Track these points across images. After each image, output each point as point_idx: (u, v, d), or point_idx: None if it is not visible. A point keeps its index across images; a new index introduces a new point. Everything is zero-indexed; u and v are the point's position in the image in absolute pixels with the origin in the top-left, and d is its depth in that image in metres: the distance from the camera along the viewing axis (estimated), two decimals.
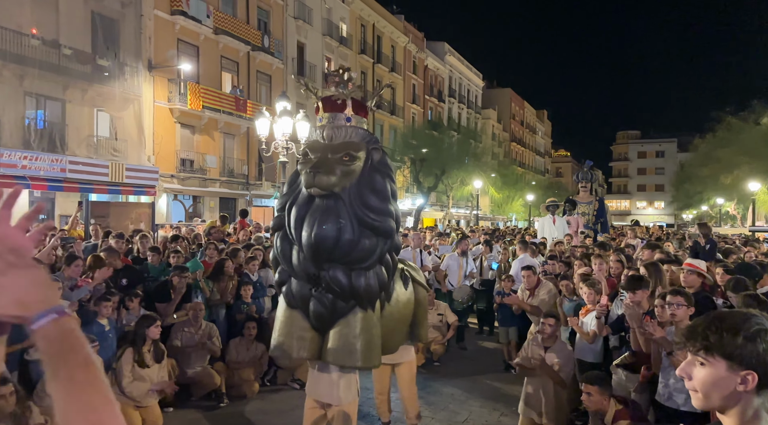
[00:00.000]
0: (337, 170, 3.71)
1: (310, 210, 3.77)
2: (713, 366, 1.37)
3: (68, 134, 18.30)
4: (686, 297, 4.03)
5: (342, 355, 3.93)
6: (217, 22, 23.67)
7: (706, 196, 41.28)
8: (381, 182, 3.88)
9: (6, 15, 16.34)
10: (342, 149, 3.77)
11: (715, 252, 9.67)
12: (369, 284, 3.84)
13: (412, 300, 4.62)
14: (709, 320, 1.43)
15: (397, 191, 4.06)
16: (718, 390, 1.37)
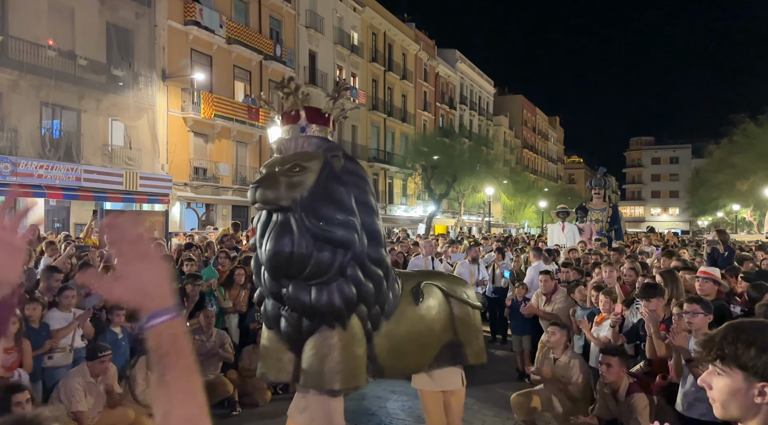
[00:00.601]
0: (281, 183, 3.58)
1: (268, 226, 3.68)
2: (730, 376, 1.36)
3: (83, 143, 18.54)
4: (704, 305, 3.96)
5: (313, 377, 3.72)
6: (230, 32, 23.91)
7: (722, 202, 40.78)
8: (339, 190, 3.65)
9: (23, 27, 16.64)
10: (291, 161, 3.65)
11: (733, 260, 9.53)
12: (331, 301, 3.58)
13: (433, 318, 4.27)
14: (726, 330, 1.42)
15: (369, 199, 3.80)
16: (736, 401, 1.36)
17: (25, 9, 16.84)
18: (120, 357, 5.52)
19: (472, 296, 4.78)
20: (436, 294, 4.37)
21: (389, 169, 36.94)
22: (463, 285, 4.81)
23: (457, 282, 4.76)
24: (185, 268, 7.48)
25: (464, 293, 4.63)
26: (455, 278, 4.96)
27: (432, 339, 4.28)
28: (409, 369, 4.38)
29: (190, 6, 22.12)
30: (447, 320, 4.37)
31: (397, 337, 4.01)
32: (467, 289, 4.80)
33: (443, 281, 4.58)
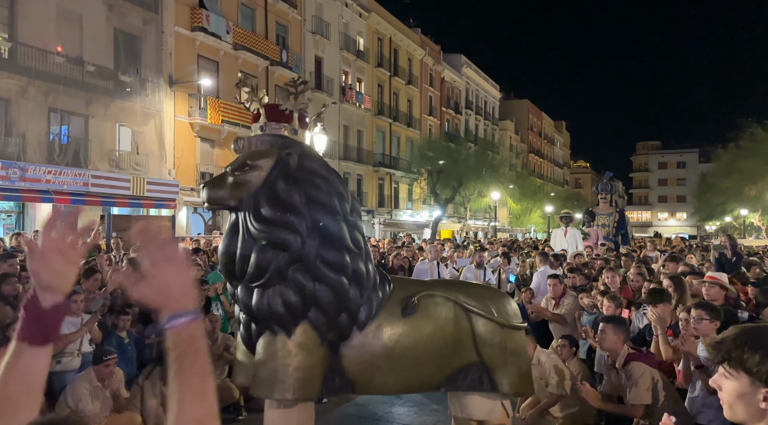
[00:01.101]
0: (227, 183, 3.50)
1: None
2: (737, 380, 1.39)
3: (91, 148, 18.66)
4: (709, 311, 3.93)
5: (257, 384, 3.57)
6: (237, 38, 24.05)
7: (730, 207, 40.58)
8: (285, 189, 3.46)
9: (32, 34, 16.79)
10: (241, 160, 3.56)
11: (741, 265, 9.48)
12: (270, 305, 3.42)
13: (432, 332, 3.81)
14: (738, 333, 1.44)
15: (328, 199, 3.55)
16: (742, 404, 1.38)
17: (34, 15, 17.01)
18: (126, 362, 5.54)
19: (512, 313, 4.12)
20: (446, 307, 3.90)
21: (395, 174, 36.97)
22: (498, 300, 4.16)
23: (488, 296, 4.16)
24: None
25: (497, 308, 4.01)
26: (490, 291, 4.36)
27: (431, 357, 3.82)
28: (393, 386, 3.94)
29: (197, 12, 22.27)
30: (462, 337, 3.87)
31: (372, 351, 3.64)
32: (504, 304, 4.14)
33: (466, 293, 4.05)
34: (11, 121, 16.60)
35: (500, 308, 4.06)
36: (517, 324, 4.10)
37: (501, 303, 4.14)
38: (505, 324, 3.99)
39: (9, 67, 16.13)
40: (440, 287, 4.06)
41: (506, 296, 4.49)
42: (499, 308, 4.05)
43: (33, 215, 17.17)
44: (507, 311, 4.09)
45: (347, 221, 3.61)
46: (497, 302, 4.12)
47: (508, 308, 4.14)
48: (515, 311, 4.19)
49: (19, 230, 14.70)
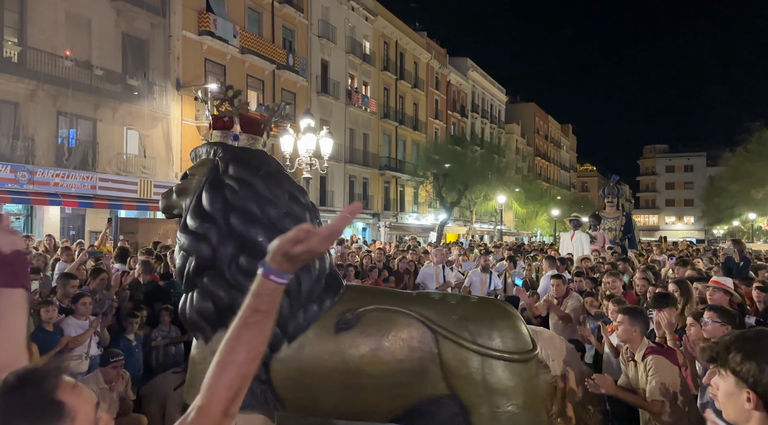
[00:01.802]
0: (172, 192, 3.65)
1: None
2: (725, 380, 1.43)
3: (99, 151, 18.80)
4: (721, 314, 3.86)
5: (184, 389, 3.61)
6: (244, 42, 24.17)
7: (737, 211, 40.34)
8: (205, 197, 3.45)
9: (42, 38, 16.96)
10: (188, 169, 3.72)
11: (748, 270, 9.42)
12: (185, 310, 3.47)
13: (372, 355, 3.23)
14: (734, 335, 1.48)
15: (248, 205, 3.40)
16: (731, 404, 1.42)
17: (43, 20, 17.17)
18: (133, 364, 5.56)
19: (499, 339, 3.23)
20: (405, 325, 3.27)
21: (401, 177, 37.00)
22: (484, 321, 3.31)
23: (472, 315, 3.34)
24: None
25: (476, 331, 3.23)
26: (483, 308, 3.51)
27: (375, 383, 3.25)
28: (329, 410, 3.53)
29: (205, 16, 22.41)
30: (427, 364, 3.21)
31: (296, 367, 3.33)
32: (493, 326, 3.28)
33: (440, 309, 3.35)
34: (20, 124, 16.75)
35: (482, 331, 3.24)
36: (503, 354, 3.18)
37: (487, 325, 3.28)
38: (482, 351, 3.17)
39: (18, 71, 16.28)
40: (406, 301, 3.43)
41: (504, 317, 3.40)
42: (480, 330, 3.24)
43: (41, 217, 17.30)
44: (491, 336, 3.22)
45: (273, 227, 3.34)
46: (483, 323, 3.29)
47: (495, 332, 3.25)
48: (512, 337, 3.28)
49: (27, 232, 14.81)
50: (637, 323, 4.06)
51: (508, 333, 3.30)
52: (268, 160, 3.74)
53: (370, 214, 33.73)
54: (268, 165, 3.64)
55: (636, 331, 4.05)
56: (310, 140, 12.40)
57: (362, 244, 17.33)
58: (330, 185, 30.06)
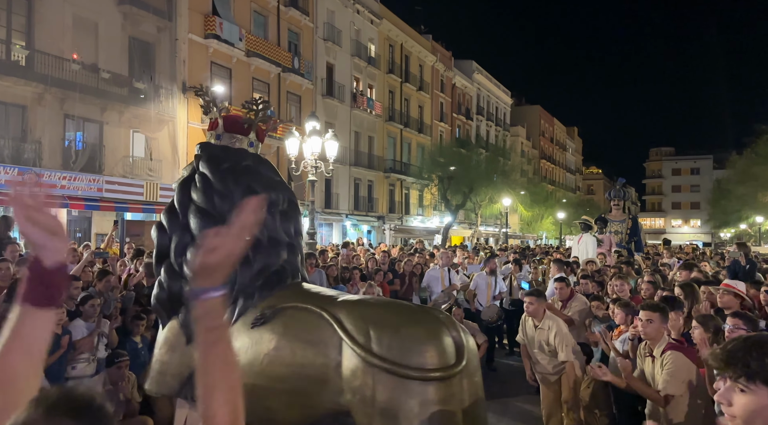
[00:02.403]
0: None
1: None
2: (755, 393, 1.32)
3: (105, 154, 18.88)
4: (747, 321, 3.77)
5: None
6: (249, 45, 24.25)
7: (744, 214, 40.10)
8: (176, 191, 3.73)
9: (49, 41, 17.06)
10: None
11: (755, 272, 9.37)
12: (150, 295, 3.78)
13: (270, 353, 2.98)
14: (749, 345, 1.38)
15: (200, 199, 3.54)
16: (760, 419, 1.32)
17: (50, 24, 17.28)
18: (139, 367, 5.56)
19: (407, 350, 2.65)
20: (314, 325, 2.93)
21: (406, 180, 36.99)
22: (397, 327, 2.75)
23: (376, 321, 2.79)
24: None
25: (383, 335, 2.70)
26: (393, 311, 2.98)
27: (274, 386, 2.95)
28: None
29: (210, 20, 22.51)
30: (329, 372, 2.82)
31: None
32: (402, 334, 2.70)
33: (356, 310, 2.90)
34: (28, 127, 16.85)
35: (381, 338, 2.69)
36: (397, 368, 2.58)
37: (390, 331, 2.72)
38: (372, 361, 2.64)
39: (26, 75, 16.39)
40: (326, 301, 3.09)
41: (417, 324, 2.78)
42: (380, 337, 2.69)
43: None
44: (391, 345, 2.65)
45: (223, 220, 3.30)
46: (385, 329, 2.73)
47: (397, 341, 2.67)
48: (418, 349, 2.63)
49: None
50: (656, 318, 4.03)
51: (413, 344, 2.67)
52: (236, 156, 3.70)
53: (375, 217, 33.72)
54: (232, 161, 3.64)
55: (654, 326, 4.02)
56: (315, 143, 12.42)
57: (368, 246, 17.32)
58: (335, 188, 30.09)
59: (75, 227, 18.52)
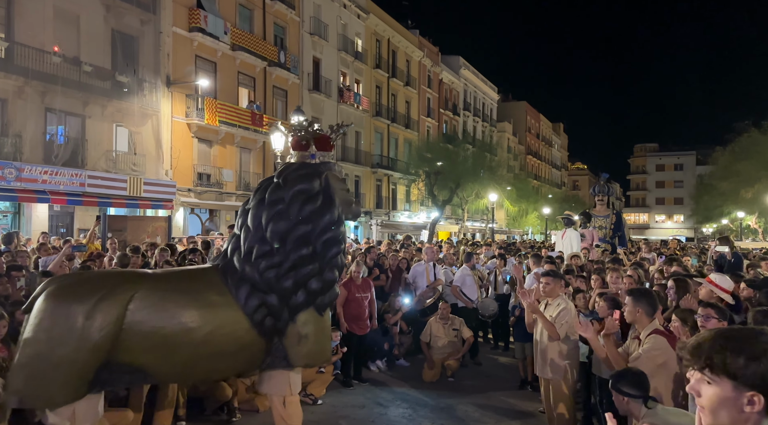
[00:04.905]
0: None
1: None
2: (719, 385, 1.34)
3: (88, 148, 18.62)
4: (718, 311, 3.85)
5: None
6: (235, 39, 24.02)
7: (726, 210, 40.64)
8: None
9: (29, 34, 16.76)
10: None
11: (741, 266, 9.47)
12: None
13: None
14: (714, 337, 1.39)
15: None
16: (725, 410, 1.33)
17: (31, 16, 16.97)
18: None
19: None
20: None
21: (393, 175, 36.97)
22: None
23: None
24: None
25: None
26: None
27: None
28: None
29: (195, 13, 22.25)
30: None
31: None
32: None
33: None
34: (8, 121, 16.56)
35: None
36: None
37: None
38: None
39: (6, 67, 16.08)
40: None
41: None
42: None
43: (29, 215, 17.12)
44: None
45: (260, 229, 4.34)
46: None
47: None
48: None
49: (14, 230, 14.64)
50: (641, 304, 4.06)
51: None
52: (291, 170, 4.38)
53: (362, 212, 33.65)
54: (284, 175, 4.36)
55: (639, 312, 4.04)
56: None
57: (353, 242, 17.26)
58: None
59: (57, 222, 18.26)
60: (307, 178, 4.25)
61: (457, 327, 8.21)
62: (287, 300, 4.04)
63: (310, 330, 4.14)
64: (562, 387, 5.16)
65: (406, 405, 6.75)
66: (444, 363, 7.94)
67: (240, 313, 3.95)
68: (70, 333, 3.46)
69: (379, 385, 7.58)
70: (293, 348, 4.11)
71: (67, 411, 3.53)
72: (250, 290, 3.99)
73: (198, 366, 3.89)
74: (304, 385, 6.83)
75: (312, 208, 4.13)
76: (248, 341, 3.97)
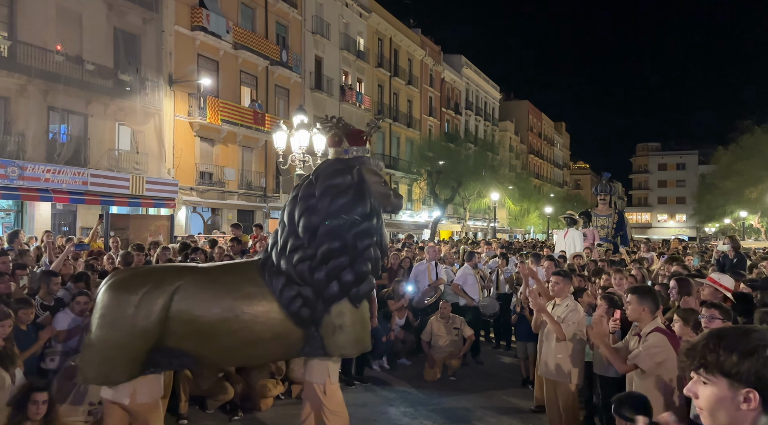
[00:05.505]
0: None
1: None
2: (715, 384, 1.34)
3: (90, 147, 18.65)
4: (722, 311, 3.84)
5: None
6: (237, 38, 24.04)
7: (729, 209, 40.55)
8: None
9: (32, 32, 16.79)
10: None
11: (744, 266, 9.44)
12: None
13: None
14: (707, 337, 1.40)
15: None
16: (722, 410, 1.33)
17: (33, 14, 17.01)
18: None
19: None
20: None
21: (394, 174, 36.95)
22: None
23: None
24: None
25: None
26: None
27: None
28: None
29: (197, 12, 22.27)
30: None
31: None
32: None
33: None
34: (10, 119, 16.60)
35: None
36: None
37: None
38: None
39: (8, 66, 16.12)
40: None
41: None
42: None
43: (32, 213, 17.17)
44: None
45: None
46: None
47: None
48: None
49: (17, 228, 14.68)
50: (646, 302, 4.06)
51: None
52: (324, 167, 4.46)
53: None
54: (317, 171, 4.44)
55: (645, 310, 4.04)
56: (303, 137, 12.34)
57: None
58: None
59: (60, 221, 18.32)
60: (338, 173, 4.32)
61: (458, 325, 8.21)
62: (321, 292, 4.16)
63: (344, 321, 4.24)
64: (569, 389, 5.16)
65: (407, 404, 6.76)
66: (445, 362, 7.95)
67: (275, 304, 4.15)
68: (122, 320, 3.88)
69: (381, 384, 7.59)
70: (329, 338, 4.24)
71: (128, 389, 3.97)
72: (285, 282, 4.16)
73: (237, 351, 4.19)
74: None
75: (342, 201, 4.19)
76: (283, 330, 4.16)
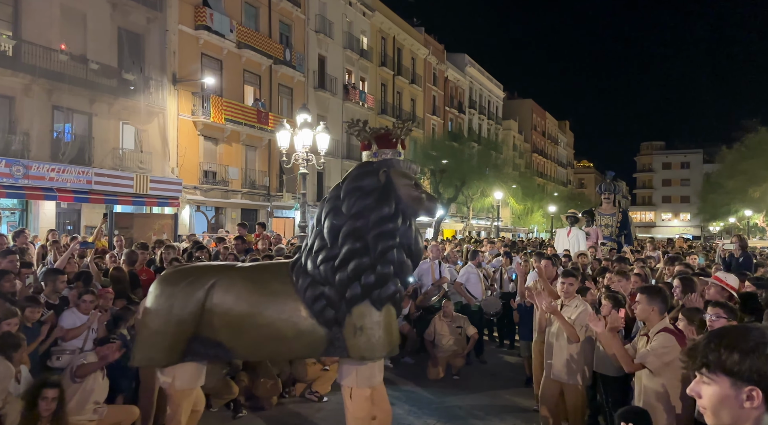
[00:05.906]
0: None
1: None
2: (717, 383, 1.35)
3: (94, 146, 18.71)
4: (728, 310, 3.82)
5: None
6: (240, 37, 24.07)
7: (734, 208, 40.42)
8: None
9: (36, 32, 16.85)
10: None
11: (751, 266, 9.40)
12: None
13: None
14: (709, 337, 1.41)
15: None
16: (726, 408, 1.34)
17: (38, 14, 17.06)
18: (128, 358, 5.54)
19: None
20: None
21: None
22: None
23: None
24: None
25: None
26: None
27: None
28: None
29: (201, 11, 22.31)
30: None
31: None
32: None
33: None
34: (15, 118, 16.66)
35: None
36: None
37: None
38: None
39: (13, 65, 16.18)
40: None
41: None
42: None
43: (36, 212, 17.23)
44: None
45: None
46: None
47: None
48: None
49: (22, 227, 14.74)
50: (655, 302, 4.05)
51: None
52: (358, 169, 4.49)
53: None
54: (349, 174, 4.52)
55: (654, 310, 4.03)
56: (306, 136, 12.35)
57: None
58: (327, 181, 30.03)
59: (65, 220, 18.38)
60: (363, 176, 4.39)
61: (462, 324, 8.21)
62: (343, 293, 4.20)
63: (365, 323, 4.25)
64: (578, 389, 5.16)
65: (410, 403, 6.77)
66: (449, 361, 7.95)
67: (299, 303, 4.25)
68: (162, 309, 4.27)
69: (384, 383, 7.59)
70: (350, 340, 4.27)
71: (170, 373, 4.35)
72: (310, 282, 4.25)
73: (263, 346, 4.39)
74: (310, 383, 6.87)
75: (365, 203, 4.24)
76: (305, 328, 4.25)
